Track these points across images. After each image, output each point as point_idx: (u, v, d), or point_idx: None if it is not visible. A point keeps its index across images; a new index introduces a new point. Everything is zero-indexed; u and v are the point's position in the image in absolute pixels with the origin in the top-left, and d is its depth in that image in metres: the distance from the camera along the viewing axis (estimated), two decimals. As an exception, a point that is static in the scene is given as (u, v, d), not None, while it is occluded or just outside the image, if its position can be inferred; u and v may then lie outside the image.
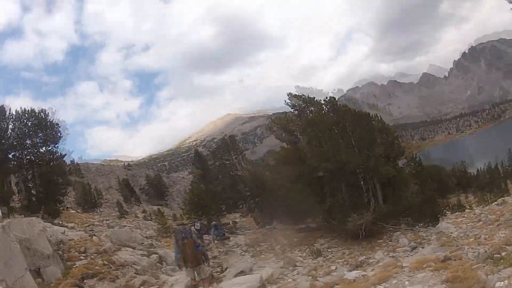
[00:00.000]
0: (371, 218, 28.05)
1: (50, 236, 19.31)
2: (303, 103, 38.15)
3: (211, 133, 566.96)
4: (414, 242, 23.68)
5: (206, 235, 31.93)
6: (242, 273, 16.99)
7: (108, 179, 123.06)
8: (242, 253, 28.01)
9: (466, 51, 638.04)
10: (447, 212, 33.90)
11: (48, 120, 41.43)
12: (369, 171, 30.47)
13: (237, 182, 53.76)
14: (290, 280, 16.37)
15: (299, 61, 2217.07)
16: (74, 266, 16.76)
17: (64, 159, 42.67)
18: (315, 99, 38.01)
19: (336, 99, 39.23)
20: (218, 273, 18.66)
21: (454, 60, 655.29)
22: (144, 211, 79.97)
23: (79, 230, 29.12)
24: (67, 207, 69.50)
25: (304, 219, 40.30)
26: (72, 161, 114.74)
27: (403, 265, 13.61)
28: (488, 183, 75.27)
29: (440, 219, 30.03)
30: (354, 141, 30.49)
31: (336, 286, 13.16)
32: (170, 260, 22.00)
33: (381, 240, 27.34)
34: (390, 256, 20.21)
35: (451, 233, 25.15)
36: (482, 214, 31.30)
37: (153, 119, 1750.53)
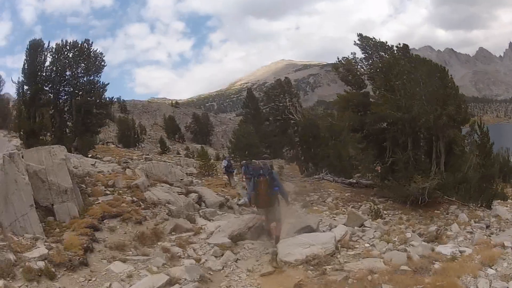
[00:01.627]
0: (435, 184, 25.26)
1: (77, 168, 17.66)
2: (373, 47, 34.93)
3: (263, 77, 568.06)
4: (474, 221, 21.48)
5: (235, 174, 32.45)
6: (306, 229, 13.37)
7: (153, 116, 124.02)
8: (292, 202, 25.15)
9: None
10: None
11: (91, 50, 39.63)
12: (438, 130, 27.30)
13: (288, 126, 51.70)
14: (368, 245, 13.13)
15: (357, 14, 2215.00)
16: (97, 202, 14.12)
17: (106, 88, 39.52)
18: (387, 44, 34.81)
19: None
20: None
21: (511, 42, 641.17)
22: (187, 149, 78.88)
23: (112, 162, 26.53)
24: (107, 142, 68.96)
25: (356, 173, 38.91)
26: (118, 98, 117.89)
27: (505, 244, 10.85)
28: None
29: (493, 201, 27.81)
30: (427, 94, 27.13)
31: (436, 262, 10.20)
32: (211, 201, 20.10)
33: (439, 211, 25.41)
34: (468, 232, 17.61)
35: (508, 220, 22.53)
36: None
37: (205, 60, 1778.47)
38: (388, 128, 30.76)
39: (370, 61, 35.18)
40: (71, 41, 38.78)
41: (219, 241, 12.11)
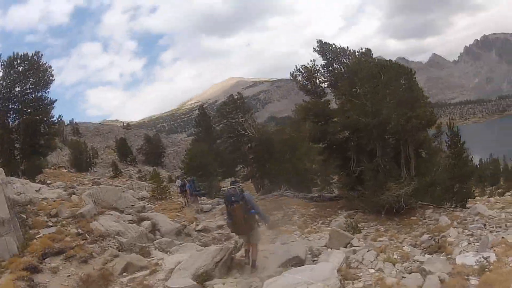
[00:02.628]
0: (410, 190, 23.82)
1: (19, 194, 15.69)
2: (333, 53, 33.54)
3: (214, 96, 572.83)
4: (457, 222, 19.98)
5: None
6: (294, 260, 11.54)
7: (106, 138, 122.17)
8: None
9: (479, 39, 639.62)
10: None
11: (40, 63, 37.36)
12: (408, 134, 25.99)
13: (241, 143, 49.76)
14: (373, 271, 11.26)
15: (309, 29, 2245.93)
16: (38, 236, 12.33)
17: (53, 106, 37.33)
18: (349, 49, 33.62)
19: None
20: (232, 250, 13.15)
21: (466, 46, 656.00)
22: (139, 172, 77.27)
23: (58, 188, 24.43)
24: (60, 166, 66.79)
25: (314, 187, 39.46)
26: (71, 120, 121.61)
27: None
28: (491, 176, 77.59)
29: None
30: (396, 97, 25.69)
31: (471, 277, 9.08)
32: (166, 229, 18.10)
33: (415, 217, 23.80)
34: (468, 235, 15.84)
35: (492, 216, 20.57)
36: (498, 203, 29.78)
37: (156, 80, 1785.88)
38: (351, 136, 29.64)
39: (331, 68, 33.73)
40: (22, 54, 36.85)
41: (181, 284, 10.07)
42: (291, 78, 34.70)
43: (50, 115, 37.38)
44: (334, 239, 15.54)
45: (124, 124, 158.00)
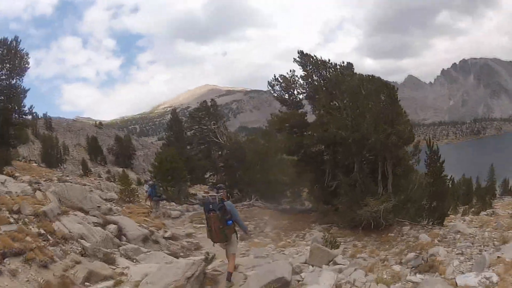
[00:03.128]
0: (390, 206, 23.57)
1: None
2: (314, 64, 32.67)
3: (186, 101, 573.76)
4: (438, 240, 19.78)
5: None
6: (278, 282, 10.40)
7: (77, 136, 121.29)
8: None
9: (457, 63, 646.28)
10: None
11: (18, 49, 35.60)
12: (387, 150, 25.60)
13: (212, 150, 49.43)
14: None
15: (284, 42, 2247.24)
16: None
17: (26, 94, 35.96)
18: (330, 62, 32.74)
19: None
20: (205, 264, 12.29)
21: (443, 69, 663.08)
22: (108, 172, 76.26)
23: (24, 182, 23.39)
24: (30, 160, 65.79)
25: (283, 198, 38.83)
26: (45, 114, 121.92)
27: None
28: (464, 195, 78.05)
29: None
30: (376, 112, 25.38)
31: None
32: (133, 234, 17.00)
33: (393, 234, 23.56)
34: (458, 253, 15.28)
35: (473, 234, 20.53)
36: (474, 222, 29.58)
37: (132, 80, 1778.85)
38: (327, 150, 29.56)
39: (310, 80, 32.98)
40: (0, 38, 35.38)
41: (149, 301, 9.06)
42: (269, 86, 34.05)
43: (22, 104, 35.92)
44: (316, 256, 14.47)
45: (96, 122, 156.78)
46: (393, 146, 25.13)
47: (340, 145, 27.08)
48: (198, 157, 49.27)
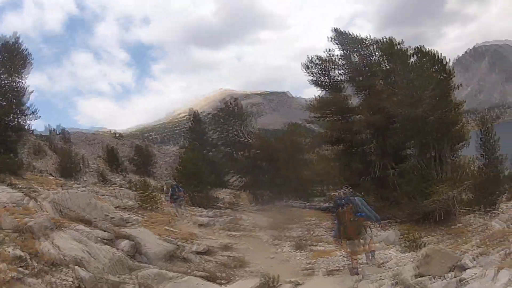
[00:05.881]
0: (456, 194, 20.92)
1: None
2: (352, 44, 28.90)
3: (203, 107, 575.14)
4: None
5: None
6: None
7: (96, 148, 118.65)
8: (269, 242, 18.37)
9: (470, 49, 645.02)
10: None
11: (21, 48, 34.13)
12: (445, 129, 22.84)
13: (237, 152, 45.03)
14: None
15: (299, 43, 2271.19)
16: None
17: (28, 95, 33.25)
18: (370, 39, 28.90)
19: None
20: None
21: (458, 56, 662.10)
22: (129, 181, 73.10)
23: (19, 190, 19.17)
24: (47, 173, 63.27)
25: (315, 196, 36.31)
26: (63, 129, 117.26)
27: None
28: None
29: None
30: (435, 87, 22.12)
31: None
32: (154, 251, 12.27)
33: (460, 224, 21.15)
34: None
35: None
36: None
37: (147, 91, 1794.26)
38: (375, 136, 26.32)
39: (349, 60, 29.02)
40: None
41: None
42: (303, 69, 29.78)
43: (23, 104, 33.81)
44: (436, 262, 9.88)
45: (115, 133, 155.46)
46: (451, 123, 22.86)
47: (393, 129, 24.38)
48: (223, 161, 46.04)
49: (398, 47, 25.61)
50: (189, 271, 11.49)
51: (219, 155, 46.91)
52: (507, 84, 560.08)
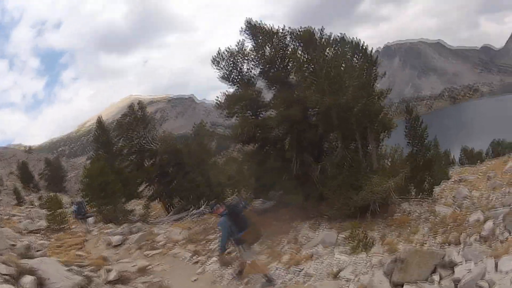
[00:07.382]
0: (393, 184, 19.70)
1: None
2: (265, 35, 26.95)
3: (111, 116, 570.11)
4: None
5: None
6: None
7: (9, 164, 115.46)
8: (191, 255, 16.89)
9: (380, 47, 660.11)
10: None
11: None
12: (369, 119, 22.09)
13: (144, 159, 43.83)
14: None
15: (205, 46, 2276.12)
16: None
17: None
18: (285, 29, 27.10)
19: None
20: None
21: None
22: (40, 198, 70.84)
23: None
24: None
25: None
26: None
27: None
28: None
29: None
30: (357, 75, 21.80)
31: None
32: (59, 286, 10.09)
33: (399, 214, 20.44)
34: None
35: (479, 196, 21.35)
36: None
37: (57, 100, 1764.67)
38: (289, 132, 24.34)
39: (261, 52, 26.95)
40: None
41: None
42: (212, 65, 27.95)
43: None
44: (415, 266, 9.11)
45: (26, 148, 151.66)
46: (374, 113, 21.95)
47: (308, 123, 23.73)
48: (129, 169, 43.57)
49: (318, 35, 24.87)
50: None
51: (126, 163, 44.82)
52: (420, 79, 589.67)
